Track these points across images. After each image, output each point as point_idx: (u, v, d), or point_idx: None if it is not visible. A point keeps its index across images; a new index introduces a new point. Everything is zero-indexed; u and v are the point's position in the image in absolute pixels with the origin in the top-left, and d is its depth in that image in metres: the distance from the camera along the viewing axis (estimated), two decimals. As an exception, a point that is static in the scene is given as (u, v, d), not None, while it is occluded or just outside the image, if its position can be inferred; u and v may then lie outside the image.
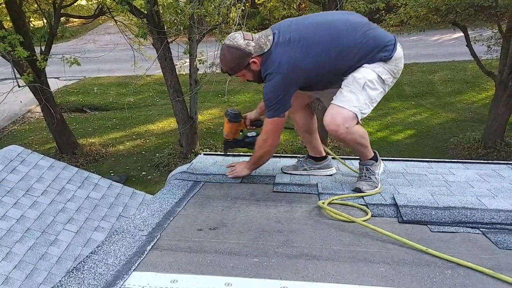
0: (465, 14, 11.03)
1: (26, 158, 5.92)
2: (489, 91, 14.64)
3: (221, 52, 2.64)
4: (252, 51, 2.54)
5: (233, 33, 2.61)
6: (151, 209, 2.46)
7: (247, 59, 2.55)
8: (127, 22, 12.39)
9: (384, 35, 2.61)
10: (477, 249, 2.00)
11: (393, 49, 2.58)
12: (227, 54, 2.58)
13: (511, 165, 3.42)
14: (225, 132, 3.09)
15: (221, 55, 2.64)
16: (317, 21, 2.65)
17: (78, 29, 27.79)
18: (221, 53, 2.63)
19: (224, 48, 2.59)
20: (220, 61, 2.69)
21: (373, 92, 2.58)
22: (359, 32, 2.54)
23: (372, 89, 2.57)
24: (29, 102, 15.98)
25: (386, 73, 2.59)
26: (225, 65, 2.65)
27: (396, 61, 2.60)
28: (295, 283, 1.70)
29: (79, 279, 1.72)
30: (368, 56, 2.55)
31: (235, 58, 2.56)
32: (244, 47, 2.53)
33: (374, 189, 2.72)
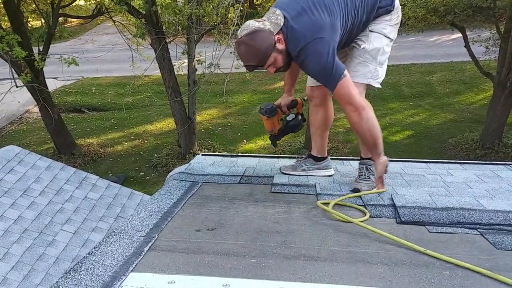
0: (464, 15, 11.05)
1: (24, 159, 5.91)
2: (487, 92, 14.66)
3: (242, 49, 2.37)
4: (272, 29, 2.35)
5: (244, 24, 2.39)
6: (149, 209, 2.46)
7: (272, 37, 2.34)
8: (126, 22, 12.38)
9: None
10: (475, 250, 2.00)
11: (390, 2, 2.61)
12: (251, 42, 2.32)
13: (509, 165, 3.42)
14: (268, 128, 3.00)
15: (242, 50, 2.37)
16: None
17: (77, 29, 27.79)
18: (242, 48, 2.36)
19: (244, 40, 2.34)
20: (244, 58, 2.39)
21: (383, 57, 2.65)
22: None
23: (382, 55, 2.63)
24: (27, 102, 15.96)
25: (393, 30, 2.65)
26: (253, 57, 2.37)
27: (397, 12, 2.64)
28: (293, 284, 1.70)
29: (76, 280, 1.71)
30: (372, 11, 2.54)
31: (261, 41, 2.32)
32: (262, 27, 2.33)
33: (374, 189, 2.72)
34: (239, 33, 2.37)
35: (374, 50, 2.59)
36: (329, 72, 2.36)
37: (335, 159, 3.54)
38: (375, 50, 2.60)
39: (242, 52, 2.38)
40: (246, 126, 14.28)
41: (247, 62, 2.40)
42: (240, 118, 15.00)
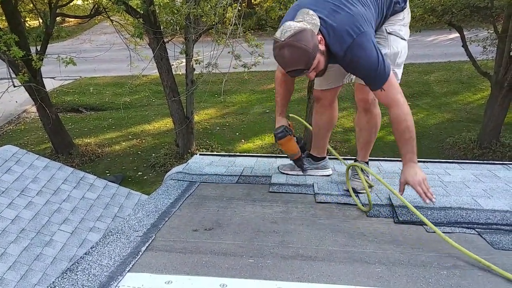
0: (461, 15, 11.07)
1: (21, 158, 5.90)
2: (484, 92, 14.68)
3: (285, 52, 2.13)
4: (313, 28, 2.16)
5: (284, 26, 2.16)
6: (146, 209, 2.45)
7: (316, 36, 2.15)
8: (123, 22, 12.36)
9: None
10: (473, 250, 1.99)
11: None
12: (298, 43, 2.09)
13: (506, 165, 3.42)
14: (292, 152, 2.81)
15: (287, 53, 2.12)
16: None
17: (74, 29, 27.71)
18: (287, 51, 2.12)
19: (289, 42, 2.10)
20: (289, 62, 2.16)
21: (401, 59, 2.61)
22: None
23: (400, 57, 2.60)
24: (25, 102, 15.92)
25: (407, 30, 2.62)
26: (301, 59, 2.14)
27: (407, 10, 2.61)
28: (290, 283, 1.70)
29: (72, 280, 1.70)
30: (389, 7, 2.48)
31: (307, 41, 2.10)
32: (304, 27, 2.13)
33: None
34: (279, 36, 2.14)
35: (395, 55, 2.55)
36: (381, 68, 2.23)
37: (333, 158, 3.53)
38: (395, 55, 2.56)
39: (287, 55, 2.13)
40: (244, 125, 14.28)
41: (293, 67, 2.17)
42: (238, 117, 14.99)
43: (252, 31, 11.32)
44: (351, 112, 14.02)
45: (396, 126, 2.36)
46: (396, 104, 2.33)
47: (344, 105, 13.68)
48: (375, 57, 2.21)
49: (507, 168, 3.35)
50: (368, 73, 2.28)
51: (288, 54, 2.13)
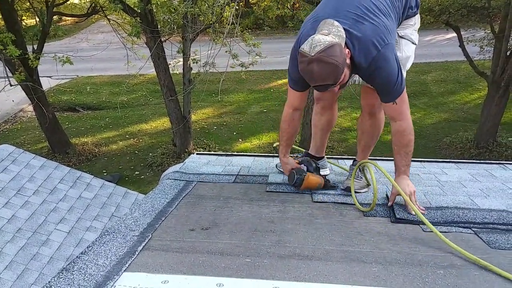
0: (458, 15, 11.11)
1: (18, 158, 5.88)
2: (481, 92, 14.72)
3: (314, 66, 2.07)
4: (341, 42, 2.12)
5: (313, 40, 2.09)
6: (143, 209, 2.45)
7: (344, 50, 2.12)
8: (121, 21, 12.33)
9: None
10: (469, 249, 2.00)
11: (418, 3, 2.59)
12: (329, 59, 2.05)
13: (503, 165, 3.43)
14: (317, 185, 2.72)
15: (317, 69, 2.07)
16: None
17: (71, 28, 27.62)
18: (316, 66, 2.06)
19: (320, 57, 2.05)
20: (319, 77, 2.10)
21: (409, 64, 2.63)
22: None
23: (410, 62, 2.62)
24: (21, 101, 15.86)
25: (417, 35, 2.63)
26: (331, 75, 2.09)
27: (418, 17, 2.63)
28: (287, 283, 1.69)
29: (69, 280, 1.70)
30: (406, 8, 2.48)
31: (338, 56, 2.06)
32: (336, 41, 2.09)
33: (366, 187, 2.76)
34: (308, 50, 2.07)
35: (406, 59, 2.56)
36: (399, 81, 2.24)
37: (330, 158, 3.54)
38: (407, 59, 2.57)
39: (316, 70, 2.08)
40: (242, 125, 14.27)
41: (322, 82, 2.12)
42: (235, 117, 14.98)
43: (249, 30, 11.34)
44: (348, 112, 14.05)
45: (399, 139, 2.41)
46: (404, 118, 2.36)
47: (342, 104, 13.69)
48: (396, 70, 2.22)
49: (504, 167, 3.36)
50: (386, 85, 2.28)
51: (317, 69, 2.07)
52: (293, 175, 2.71)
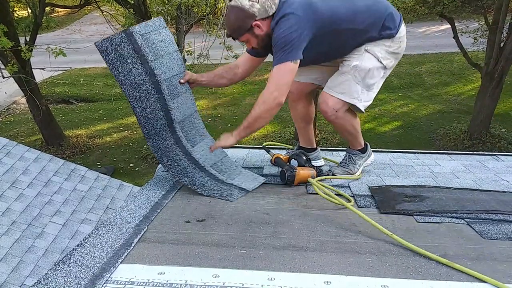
0: (452, 6, 11.10)
1: (11, 150, 5.85)
2: (475, 83, 14.77)
3: (226, 14, 2.51)
4: (256, 13, 2.37)
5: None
6: (138, 201, 2.45)
7: (250, 21, 2.39)
8: (114, 12, 12.24)
9: (392, 7, 2.59)
10: (462, 239, 2.03)
11: (399, 24, 2.56)
12: (230, 14, 2.44)
13: (496, 156, 3.47)
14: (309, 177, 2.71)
15: (226, 17, 2.53)
16: None
17: (64, 19, 27.38)
18: (226, 14, 2.50)
19: (229, 9, 2.47)
20: (226, 24, 2.59)
21: (372, 80, 2.59)
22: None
23: (371, 78, 2.57)
24: (14, 93, 15.74)
25: (389, 57, 2.58)
26: (228, 27, 2.50)
27: (400, 40, 2.58)
28: (282, 274, 1.71)
29: (65, 272, 1.70)
30: (375, 27, 2.49)
31: (237, 19, 2.41)
32: (247, 8, 2.36)
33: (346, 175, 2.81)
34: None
35: (364, 70, 2.53)
36: (285, 46, 2.34)
37: (324, 150, 3.55)
38: (364, 70, 2.53)
39: (226, 18, 2.56)
40: (236, 117, 14.25)
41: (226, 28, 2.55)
42: (230, 109, 14.96)
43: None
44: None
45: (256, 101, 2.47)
46: (269, 86, 2.42)
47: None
48: (287, 38, 2.32)
49: (497, 159, 3.39)
50: (275, 46, 2.38)
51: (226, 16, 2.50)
52: (283, 174, 2.74)
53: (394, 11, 2.57)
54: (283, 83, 2.40)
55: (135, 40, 2.39)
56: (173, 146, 2.57)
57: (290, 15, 2.33)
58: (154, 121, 2.51)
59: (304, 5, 2.36)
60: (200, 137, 2.81)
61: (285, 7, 2.37)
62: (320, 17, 2.38)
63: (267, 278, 1.67)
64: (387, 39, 2.54)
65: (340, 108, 2.59)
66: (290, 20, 2.33)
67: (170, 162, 2.60)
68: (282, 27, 2.34)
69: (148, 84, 2.44)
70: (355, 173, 2.83)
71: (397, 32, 2.55)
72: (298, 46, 2.35)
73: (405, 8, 11.64)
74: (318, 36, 2.41)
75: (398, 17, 2.57)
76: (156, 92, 2.45)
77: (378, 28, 2.50)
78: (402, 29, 2.59)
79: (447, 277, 1.70)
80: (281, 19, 2.36)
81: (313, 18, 2.36)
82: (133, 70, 2.42)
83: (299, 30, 2.33)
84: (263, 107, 2.43)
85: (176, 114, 2.54)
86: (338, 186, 2.70)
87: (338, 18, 2.43)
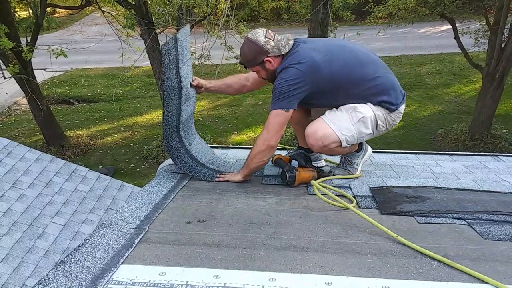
0: (453, 7, 11.09)
1: (13, 151, 5.86)
2: (476, 84, 14.76)
3: (242, 44, 2.66)
4: (270, 51, 2.56)
5: (257, 29, 2.64)
6: (139, 201, 2.45)
7: (263, 56, 2.57)
8: (115, 13, 12.23)
9: (398, 84, 2.70)
10: (463, 240, 2.02)
11: (401, 102, 2.68)
12: (245, 47, 2.62)
13: (497, 157, 3.46)
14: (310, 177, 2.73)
15: (241, 47, 2.66)
16: (343, 45, 2.71)
17: (65, 20, 27.40)
18: (242, 45, 2.65)
19: (245, 41, 2.63)
20: (239, 53, 2.71)
21: (364, 130, 2.64)
22: (379, 72, 2.62)
23: (365, 127, 2.63)
24: (15, 94, 15.75)
25: (384, 121, 2.67)
26: (242, 57, 2.67)
27: (397, 114, 2.70)
28: (283, 274, 1.71)
29: (66, 273, 1.71)
30: (377, 97, 2.60)
31: (251, 52, 2.60)
32: (262, 44, 2.55)
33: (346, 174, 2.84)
34: (250, 32, 2.64)
35: (360, 113, 2.59)
36: (281, 95, 2.52)
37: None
38: (360, 114, 2.59)
39: (241, 47, 2.66)
40: (237, 117, 14.26)
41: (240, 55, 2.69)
42: (230, 109, 14.97)
43: (244, 23, 11.25)
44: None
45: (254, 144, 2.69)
46: (264, 132, 2.62)
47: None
48: (285, 88, 2.50)
49: (498, 159, 3.39)
50: (273, 92, 2.57)
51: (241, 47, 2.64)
52: (284, 175, 2.75)
53: (399, 89, 2.69)
54: (274, 129, 2.59)
55: (177, 46, 2.60)
56: (178, 145, 2.76)
57: (294, 68, 2.50)
58: (170, 123, 2.70)
59: (309, 63, 2.49)
60: (192, 136, 3.00)
61: (294, 57, 2.54)
62: (321, 80, 2.52)
63: (268, 279, 1.67)
64: (386, 109, 2.65)
65: (330, 142, 2.60)
66: (292, 72, 2.50)
67: (179, 161, 2.81)
68: (284, 77, 2.52)
69: (176, 90, 2.65)
70: (354, 173, 2.84)
71: (396, 110, 2.67)
72: (294, 97, 2.52)
73: (406, 8, 11.66)
74: (317, 92, 2.58)
75: (401, 95, 2.69)
76: (179, 97, 2.69)
77: (379, 99, 2.62)
78: (403, 107, 2.71)
79: (448, 278, 1.70)
80: (285, 68, 2.53)
81: (315, 78, 2.51)
82: (171, 75, 2.62)
83: (298, 84, 2.50)
84: (256, 149, 2.66)
85: (183, 116, 2.73)
86: (339, 186, 2.70)
87: (338, 84, 2.58)
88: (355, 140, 2.67)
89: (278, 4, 13.50)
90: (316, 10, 9.88)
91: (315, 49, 2.55)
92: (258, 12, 22.60)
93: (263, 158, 2.67)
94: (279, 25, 22.99)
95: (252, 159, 2.68)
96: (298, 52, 2.55)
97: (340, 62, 2.55)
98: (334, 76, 2.53)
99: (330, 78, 2.53)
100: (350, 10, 13.71)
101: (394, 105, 2.63)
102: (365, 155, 2.93)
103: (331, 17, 9.90)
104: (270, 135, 2.59)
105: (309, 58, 2.50)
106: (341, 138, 2.59)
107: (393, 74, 2.73)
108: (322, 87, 2.56)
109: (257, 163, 2.70)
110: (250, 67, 2.69)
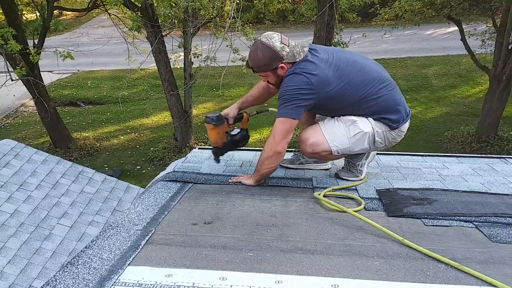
0: (460, 8, 11.05)
1: (20, 153, 5.89)
2: (483, 85, 14.69)
3: (253, 47, 2.53)
4: (284, 57, 2.47)
5: (272, 33, 2.53)
6: (146, 203, 2.46)
7: (277, 62, 2.48)
8: (121, 15, 12.29)
9: (403, 103, 2.68)
10: (471, 243, 2.01)
11: (404, 120, 2.66)
12: (260, 52, 2.49)
13: (504, 159, 3.44)
14: (213, 139, 2.88)
15: (252, 50, 2.53)
16: (354, 60, 2.62)
17: (72, 22, 27.60)
18: (253, 48, 2.52)
19: (259, 45, 2.49)
20: (249, 56, 2.57)
21: (359, 145, 2.64)
22: (385, 90, 2.59)
23: (360, 142, 2.63)
24: (22, 96, 15.87)
25: (382, 138, 2.66)
26: (253, 62, 2.55)
27: (398, 133, 2.68)
28: (289, 277, 1.71)
29: (73, 274, 1.71)
30: (379, 114, 2.60)
31: (266, 58, 2.48)
32: (278, 50, 2.46)
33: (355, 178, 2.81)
34: (263, 35, 2.52)
35: (358, 128, 2.59)
36: (290, 101, 2.46)
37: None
38: (358, 128, 2.59)
39: (251, 50, 2.54)
40: (242, 119, 14.26)
41: (248, 59, 2.58)
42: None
43: (250, 25, 11.28)
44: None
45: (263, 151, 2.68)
46: (270, 139, 2.59)
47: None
48: (295, 93, 2.45)
49: (505, 162, 3.37)
50: (281, 96, 2.52)
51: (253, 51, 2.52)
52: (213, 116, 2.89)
53: (404, 107, 2.67)
54: (280, 136, 2.55)
55: None
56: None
57: (305, 77, 2.43)
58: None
59: (320, 78, 2.44)
60: None
61: (306, 65, 2.47)
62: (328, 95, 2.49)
63: (274, 281, 1.67)
64: (387, 126, 2.64)
65: (320, 150, 2.62)
66: (302, 80, 2.44)
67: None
68: (293, 83, 2.46)
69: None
70: (359, 176, 2.83)
71: (397, 128, 2.66)
72: (301, 107, 2.49)
73: (412, 10, 11.63)
74: (321, 104, 2.56)
75: (405, 114, 2.67)
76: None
77: (383, 115, 2.61)
78: (406, 125, 2.70)
79: (456, 281, 1.69)
80: (296, 74, 2.46)
81: (322, 93, 2.47)
82: None
83: (307, 94, 2.45)
84: (264, 155, 2.64)
85: None
86: (345, 189, 2.69)
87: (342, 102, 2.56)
88: (349, 152, 2.66)
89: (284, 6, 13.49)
90: (322, 12, 9.87)
91: (327, 62, 2.49)
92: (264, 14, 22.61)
93: (271, 164, 2.65)
94: (285, 27, 23.01)
95: (261, 165, 2.67)
96: (311, 61, 2.48)
97: (349, 81, 2.51)
98: (340, 94, 2.51)
99: (336, 96, 2.51)
100: (356, 12, 13.69)
101: (395, 123, 2.62)
102: (369, 156, 2.91)
103: (337, 19, 9.88)
104: (277, 141, 2.56)
105: (321, 72, 2.45)
106: (332, 149, 2.60)
107: (400, 93, 2.71)
108: (327, 101, 2.53)
109: (266, 169, 2.68)
110: (260, 72, 2.58)
